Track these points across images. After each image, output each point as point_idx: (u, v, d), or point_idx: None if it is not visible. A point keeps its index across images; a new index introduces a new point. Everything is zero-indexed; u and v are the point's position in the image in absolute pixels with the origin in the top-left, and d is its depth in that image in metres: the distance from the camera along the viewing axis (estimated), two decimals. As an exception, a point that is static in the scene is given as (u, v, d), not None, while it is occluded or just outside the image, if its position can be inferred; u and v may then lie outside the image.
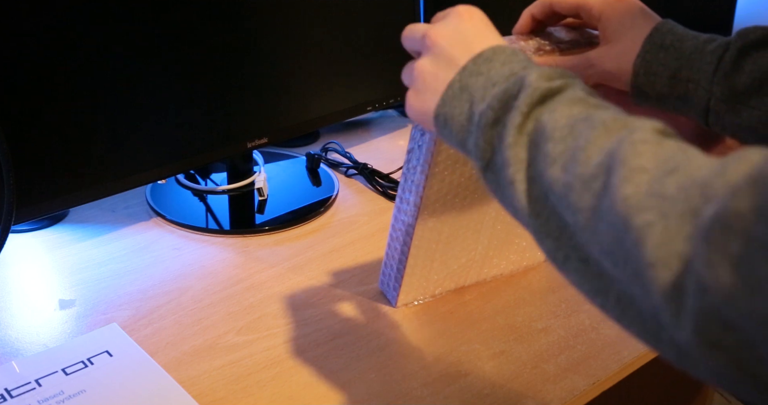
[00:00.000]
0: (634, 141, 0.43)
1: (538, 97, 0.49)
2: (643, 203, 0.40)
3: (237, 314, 0.81)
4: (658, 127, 0.45)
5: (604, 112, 0.47)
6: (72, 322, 0.79)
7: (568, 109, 0.48)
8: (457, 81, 0.54)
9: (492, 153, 0.51)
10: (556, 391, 0.72)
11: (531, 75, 0.50)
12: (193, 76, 0.92)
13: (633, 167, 0.41)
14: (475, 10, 0.60)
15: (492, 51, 0.54)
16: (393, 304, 0.82)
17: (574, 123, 0.47)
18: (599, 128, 0.45)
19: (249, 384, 0.72)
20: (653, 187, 0.40)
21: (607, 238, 0.42)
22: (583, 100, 0.49)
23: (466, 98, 0.53)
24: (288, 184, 1.09)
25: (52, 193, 0.83)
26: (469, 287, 0.86)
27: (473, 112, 0.52)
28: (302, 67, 1.02)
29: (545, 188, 0.47)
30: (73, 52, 0.81)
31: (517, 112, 0.49)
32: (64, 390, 0.69)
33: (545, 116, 0.48)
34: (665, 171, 0.40)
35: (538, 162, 0.47)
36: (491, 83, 0.52)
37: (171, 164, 0.92)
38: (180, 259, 0.91)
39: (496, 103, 0.51)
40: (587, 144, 0.45)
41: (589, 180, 0.44)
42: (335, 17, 1.03)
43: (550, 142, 0.47)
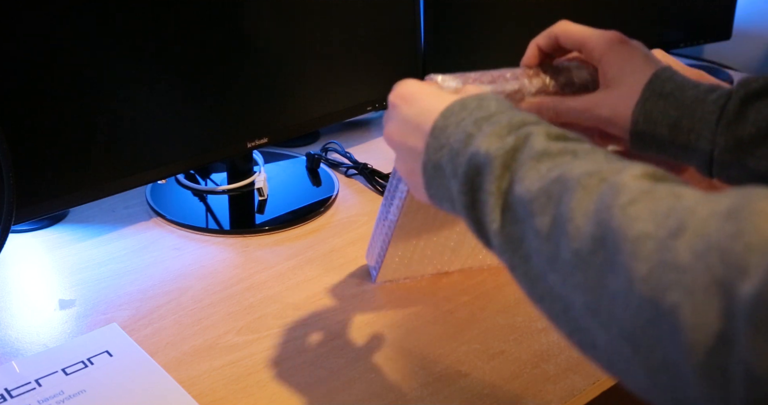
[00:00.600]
0: (623, 204, 0.40)
1: (500, 168, 0.47)
2: (662, 281, 0.36)
3: (237, 314, 0.81)
4: (638, 173, 0.42)
5: (574, 165, 0.45)
6: (72, 322, 0.79)
7: (536, 171, 0.46)
8: (428, 162, 0.54)
9: (486, 234, 0.49)
10: (556, 391, 0.72)
11: (482, 142, 0.49)
12: (193, 76, 0.92)
13: (634, 237, 0.38)
14: (404, 86, 0.60)
15: (442, 118, 0.54)
16: (373, 280, 0.86)
17: (548, 186, 0.44)
18: (577, 190, 0.42)
19: (249, 384, 0.72)
20: (665, 257, 0.37)
21: (627, 322, 0.38)
22: (545, 152, 0.46)
23: (442, 176, 0.53)
24: (288, 184, 1.09)
25: (52, 193, 0.83)
26: (469, 287, 0.86)
27: (452, 193, 0.52)
28: (302, 67, 1.02)
29: (542, 267, 0.44)
30: (74, 52, 0.81)
31: (487, 195, 0.48)
32: (64, 390, 0.69)
33: (517, 187, 0.46)
34: (671, 232, 0.37)
35: (529, 240, 0.45)
36: (454, 153, 0.51)
37: (171, 164, 0.92)
38: (180, 259, 0.91)
39: (465, 185, 0.49)
40: (571, 212, 0.42)
41: (587, 256, 0.41)
42: (335, 17, 1.03)
43: (534, 217, 0.44)
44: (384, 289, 0.86)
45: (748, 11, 1.61)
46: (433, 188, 0.54)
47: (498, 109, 0.52)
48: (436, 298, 0.84)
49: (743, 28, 1.59)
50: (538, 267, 0.45)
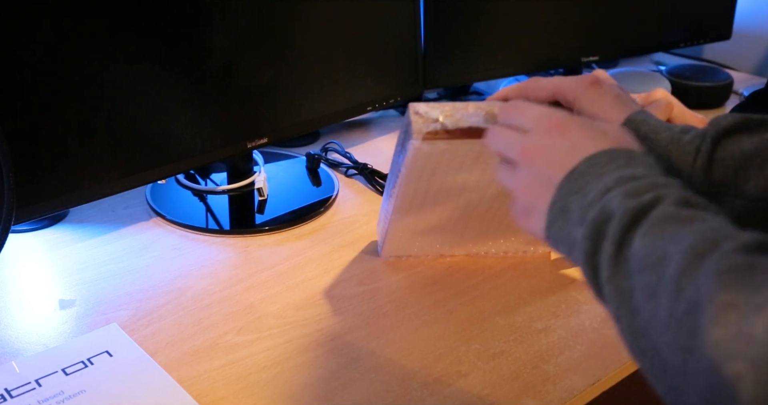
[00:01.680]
0: (720, 270, 0.41)
1: (629, 221, 0.47)
2: (732, 349, 0.38)
3: (237, 314, 0.81)
4: (750, 242, 0.43)
5: (694, 230, 0.45)
6: (72, 322, 0.79)
7: (660, 231, 0.46)
8: (557, 202, 0.53)
9: (599, 283, 0.49)
10: (556, 391, 0.72)
11: (618, 195, 0.49)
12: (193, 76, 0.92)
13: (720, 304, 0.39)
14: (562, 118, 0.57)
15: (586, 164, 0.53)
16: (379, 253, 0.90)
17: (666, 247, 0.45)
18: (689, 253, 0.43)
19: (249, 384, 0.72)
20: (742, 328, 0.38)
21: (701, 387, 0.40)
22: (676, 215, 0.47)
23: (566, 219, 0.52)
24: (288, 184, 1.09)
25: (52, 193, 0.83)
26: (469, 287, 0.86)
27: (576, 236, 0.51)
28: (302, 67, 1.02)
29: (645, 323, 0.45)
30: (74, 52, 0.81)
31: (609, 242, 0.48)
32: (64, 390, 0.69)
33: (637, 242, 0.46)
34: (755, 306, 0.38)
35: (637, 293, 0.45)
36: (587, 202, 0.51)
37: (171, 164, 0.92)
38: (180, 259, 0.91)
39: (590, 231, 0.49)
40: (679, 274, 0.43)
41: (681, 317, 0.42)
42: (335, 17, 1.03)
43: (645, 272, 0.45)
44: (384, 289, 0.86)
45: (748, 11, 1.61)
46: (554, 229, 0.53)
47: (644, 173, 0.51)
48: (436, 298, 0.84)
49: (743, 28, 1.59)
50: (643, 322, 0.45)
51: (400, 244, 0.89)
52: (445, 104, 0.71)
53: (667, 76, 1.41)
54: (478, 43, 1.27)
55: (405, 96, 1.16)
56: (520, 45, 1.32)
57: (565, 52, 1.37)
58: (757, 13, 1.64)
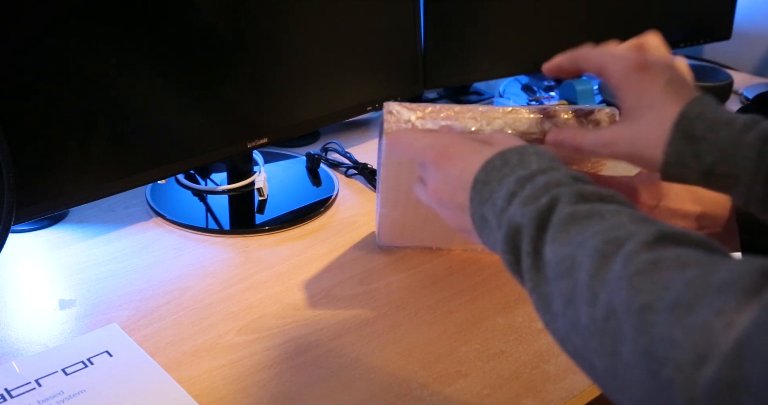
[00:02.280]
0: (630, 275, 0.42)
1: (535, 231, 0.49)
2: (659, 355, 0.39)
3: (237, 314, 0.81)
4: (650, 239, 0.43)
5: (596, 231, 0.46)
6: (72, 322, 0.79)
7: (565, 234, 0.47)
8: (475, 214, 0.56)
9: (528, 290, 0.51)
10: (556, 391, 0.72)
11: (520, 203, 0.51)
12: (193, 76, 0.92)
13: (637, 309, 0.40)
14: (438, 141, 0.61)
15: (484, 173, 0.55)
16: (376, 241, 0.92)
17: (573, 251, 0.46)
18: (595, 257, 0.44)
19: (249, 384, 0.72)
20: (662, 331, 0.39)
21: (637, 390, 0.41)
22: (574, 214, 0.48)
23: (489, 227, 0.54)
24: (288, 184, 1.09)
25: (52, 193, 0.83)
26: (469, 287, 0.86)
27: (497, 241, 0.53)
28: (302, 66, 1.02)
29: (569, 328, 0.46)
30: (74, 52, 0.81)
31: (525, 255, 0.50)
32: (64, 390, 0.69)
33: (548, 250, 0.48)
34: (669, 305, 0.39)
35: (556, 300, 0.47)
36: (498, 210, 0.53)
37: (171, 164, 0.92)
38: (180, 259, 0.91)
39: (507, 246, 0.51)
40: (589, 279, 0.44)
41: (602, 323, 0.43)
42: (336, 17, 1.03)
43: (560, 279, 0.46)
44: (384, 289, 0.86)
45: (748, 11, 1.61)
46: (484, 237, 0.56)
47: (539, 166, 0.53)
48: (436, 298, 0.84)
49: (743, 28, 1.60)
50: (564, 328, 0.47)
51: (393, 235, 0.90)
52: (419, 106, 0.72)
53: (667, 76, 1.41)
54: (478, 43, 1.27)
55: (405, 96, 1.16)
56: (520, 45, 1.32)
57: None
58: (757, 13, 1.64)
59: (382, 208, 0.84)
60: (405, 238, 0.91)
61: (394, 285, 0.87)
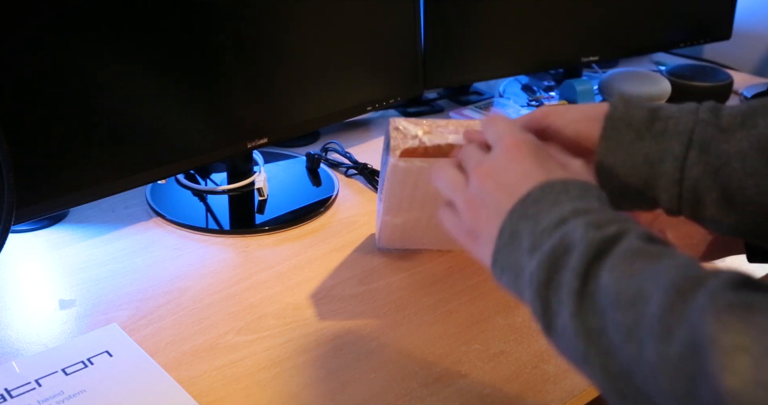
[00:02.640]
0: (717, 310, 0.38)
1: (594, 253, 0.44)
2: (751, 399, 0.36)
3: (237, 314, 0.81)
4: (733, 279, 0.40)
5: (669, 266, 0.42)
6: (72, 322, 0.79)
7: (629, 266, 0.43)
8: (507, 227, 0.50)
9: (552, 317, 0.46)
10: (556, 391, 0.72)
11: (579, 225, 0.46)
12: (193, 76, 0.92)
13: (728, 348, 0.37)
14: (523, 141, 0.54)
15: (540, 190, 0.50)
16: (376, 243, 0.92)
17: (641, 284, 0.42)
18: (670, 292, 0.40)
19: (249, 384, 0.72)
20: (758, 377, 0.36)
21: None
22: (643, 250, 0.44)
23: (516, 246, 0.49)
24: (288, 184, 1.09)
25: (52, 193, 0.83)
26: (469, 287, 0.86)
27: (523, 267, 0.48)
28: (302, 67, 1.02)
29: (626, 365, 0.42)
30: (74, 52, 0.81)
31: (572, 274, 0.44)
32: (64, 390, 0.69)
33: (605, 276, 0.43)
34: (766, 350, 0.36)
35: (611, 333, 0.42)
36: (540, 230, 0.48)
37: (171, 164, 0.92)
38: (180, 259, 0.91)
39: (546, 261, 0.46)
40: (663, 313, 0.40)
41: (677, 362, 0.39)
42: (336, 17, 1.03)
43: (619, 311, 0.42)
44: (384, 289, 0.86)
45: (748, 11, 1.61)
46: (501, 255, 0.51)
47: (599, 207, 0.49)
48: (436, 298, 0.84)
49: (743, 28, 1.60)
50: (619, 365, 0.42)
51: (394, 240, 0.90)
52: (425, 120, 0.71)
53: (667, 76, 1.41)
54: (478, 43, 1.27)
55: (405, 96, 1.16)
56: (520, 45, 1.32)
57: (565, 52, 1.37)
58: (757, 13, 1.64)
59: (384, 216, 0.83)
60: (405, 243, 0.91)
61: (394, 285, 0.87)
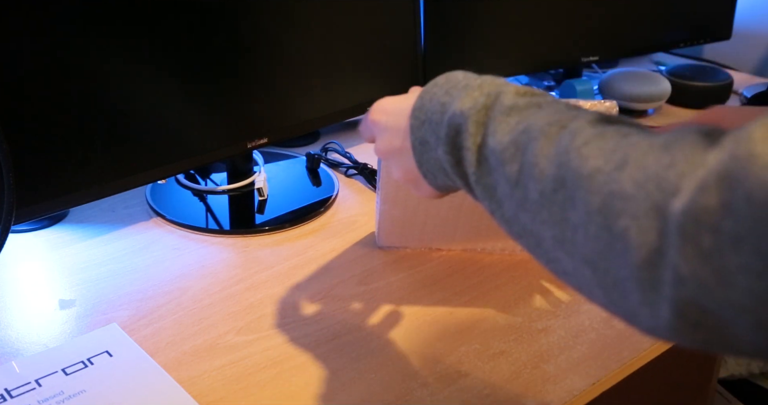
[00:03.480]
0: (578, 146, 0.44)
1: (474, 125, 0.52)
2: (613, 210, 0.41)
3: (237, 314, 0.81)
4: (592, 118, 0.46)
5: (539, 117, 0.49)
6: (72, 322, 0.79)
7: (506, 124, 0.50)
8: (415, 139, 0.58)
9: (470, 189, 0.54)
10: (556, 391, 0.72)
11: (457, 105, 0.53)
12: (193, 76, 0.92)
13: (588, 174, 0.43)
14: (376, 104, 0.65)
15: (419, 100, 0.58)
16: (376, 241, 0.92)
17: (516, 137, 0.49)
18: (540, 138, 0.47)
19: (249, 384, 0.72)
20: (613, 188, 0.41)
21: (587, 249, 0.43)
22: (514, 106, 0.51)
23: (428, 149, 0.57)
24: (288, 184, 1.09)
25: (52, 193, 0.83)
26: (469, 287, 0.86)
27: (440, 158, 0.55)
28: (302, 67, 1.02)
29: (515, 210, 0.49)
30: (73, 52, 0.81)
31: (465, 151, 0.52)
32: (64, 390, 0.69)
33: (489, 141, 0.50)
34: (617, 166, 0.42)
35: (502, 186, 0.50)
36: (435, 123, 0.55)
37: (171, 164, 0.92)
38: (180, 259, 0.91)
39: (449, 146, 0.54)
40: (535, 158, 0.47)
41: (551, 195, 0.45)
42: (335, 17, 1.03)
43: (504, 165, 0.49)
44: (384, 289, 0.86)
45: (748, 11, 1.61)
46: (425, 164, 0.58)
47: (465, 78, 0.56)
48: (436, 298, 0.84)
49: (743, 28, 1.60)
50: (511, 210, 0.49)
51: (393, 235, 0.90)
52: None
53: (667, 76, 1.41)
54: (478, 43, 1.27)
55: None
56: (520, 45, 1.32)
57: (565, 52, 1.37)
58: (757, 13, 1.64)
59: (382, 206, 0.84)
60: (405, 238, 0.91)
61: (394, 285, 0.87)
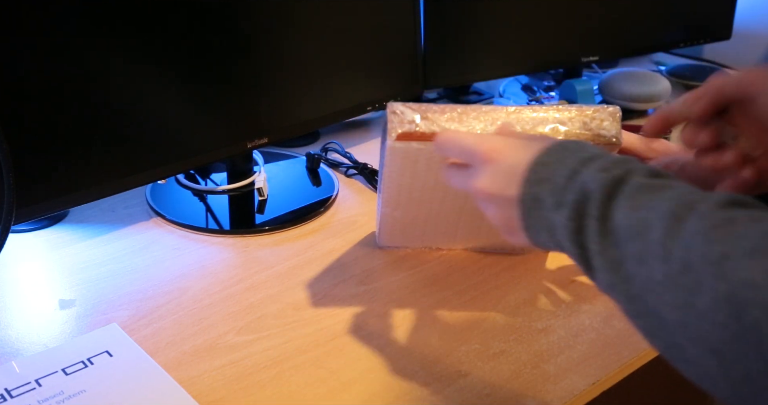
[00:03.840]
0: (707, 230, 0.44)
1: (606, 195, 0.51)
2: (742, 299, 0.40)
3: (237, 314, 0.81)
4: (722, 200, 0.46)
5: (668, 197, 0.48)
6: (72, 322, 0.79)
7: (635, 200, 0.49)
8: (527, 194, 0.56)
9: (589, 258, 0.52)
10: (556, 391, 0.72)
11: (590, 174, 0.52)
12: (193, 76, 0.92)
13: (716, 259, 0.42)
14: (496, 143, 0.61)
15: (544, 155, 0.56)
16: (377, 241, 0.92)
17: (645, 215, 0.48)
18: (669, 218, 0.46)
19: (249, 384, 0.72)
20: (743, 276, 0.41)
21: (714, 337, 0.42)
22: (647, 185, 0.50)
23: (541, 207, 0.55)
24: (288, 184, 1.09)
25: (52, 193, 0.83)
26: (469, 287, 0.86)
27: (554, 220, 0.54)
28: (302, 67, 1.02)
29: (641, 288, 0.48)
30: (73, 52, 0.81)
31: (593, 219, 0.51)
32: (64, 390, 0.69)
33: (617, 214, 0.49)
34: (745, 253, 0.41)
35: (627, 262, 0.48)
36: (559, 188, 0.54)
37: (171, 164, 0.92)
38: (180, 259, 0.91)
39: (572, 213, 0.52)
40: (663, 238, 0.46)
41: (677, 278, 0.44)
42: (335, 17, 1.03)
43: (631, 241, 0.48)
44: (384, 289, 0.86)
45: (748, 11, 1.61)
46: (531, 219, 0.56)
47: (599, 152, 0.55)
48: (436, 298, 0.84)
49: (743, 28, 1.60)
50: (636, 288, 0.48)
51: (394, 236, 0.90)
52: (423, 106, 0.72)
53: (667, 76, 1.41)
54: (478, 43, 1.27)
55: (405, 96, 1.16)
56: (520, 45, 1.32)
57: (565, 52, 1.37)
58: (757, 13, 1.64)
59: (384, 208, 0.83)
60: (405, 239, 0.91)
61: (394, 285, 0.87)
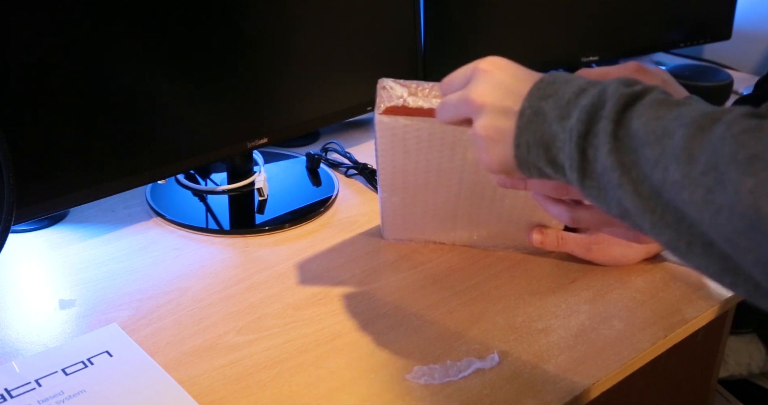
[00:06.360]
0: (735, 134, 0.44)
1: (623, 104, 0.50)
2: (764, 191, 0.42)
3: (237, 314, 0.81)
4: (746, 112, 0.46)
5: (690, 110, 0.48)
6: (72, 322, 0.79)
7: (655, 111, 0.49)
8: (528, 107, 0.55)
9: (589, 162, 0.52)
10: (556, 391, 0.72)
11: (610, 85, 0.52)
12: (193, 75, 0.92)
13: (745, 158, 0.43)
14: (497, 60, 0.60)
15: (550, 76, 0.56)
16: (383, 235, 0.93)
17: (666, 124, 0.48)
18: (692, 126, 0.47)
19: (249, 384, 0.72)
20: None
21: (729, 228, 0.44)
22: (666, 100, 0.50)
23: (541, 121, 0.54)
24: (288, 184, 1.09)
25: (52, 193, 0.83)
26: (469, 287, 0.86)
27: (556, 130, 0.53)
28: (302, 67, 1.02)
29: (655, 187, 0.48)
30: (73, 52, 0.81)
31: (607, 121, 0.50)
32: (64, 390, 0.69)
33: (635, 122, 0.49)
34: None
35: (641, 165, 0.49)
36: (564, 102, 0.53)
37: (171, 164, 0.92)
38: (180, 259, 0.91)
39: (584, 115, 0.52)
40: (686, 142, 0.46)
41: (698, 177, 0.45)
42: (335, 17, 1.03)
43: (648, 146, 0.48)
44: (384, 289, 0.86)
45: (748, 11, 1.61)
46: (526, 134, 0.55)
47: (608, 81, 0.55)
48: (436, 298, 0.84)
49: (743, 28, 1.59)
50: (650, 187, 0.49)
51: (396, 226, 0.90)
52: (414, 83, 0.73)
53: (667, 76, 1.41)
54: (478, 43, 1.27)
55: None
56: (519, 45, 1.32)
57: (565, 52, 1.37)
58: (757, 13, 1.64)
59: (382, 194, 0.84)
60: (407, 229, 0.91)
61: (394, 285, 0.87)
